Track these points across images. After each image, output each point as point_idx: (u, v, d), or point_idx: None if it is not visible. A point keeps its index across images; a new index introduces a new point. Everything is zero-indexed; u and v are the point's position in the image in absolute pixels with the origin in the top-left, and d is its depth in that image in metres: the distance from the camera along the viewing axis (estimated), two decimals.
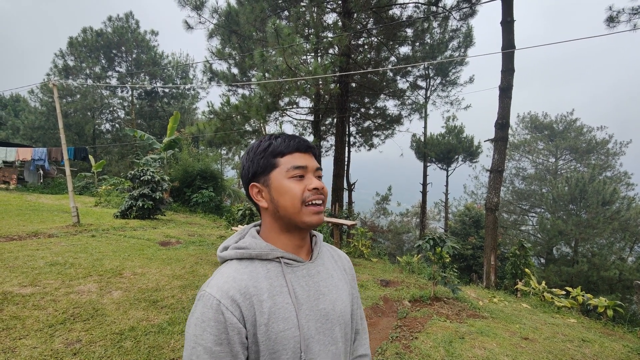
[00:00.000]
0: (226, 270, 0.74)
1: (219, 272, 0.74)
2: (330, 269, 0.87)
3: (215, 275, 0.74)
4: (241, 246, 0.78)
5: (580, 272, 12.64)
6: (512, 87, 7.98)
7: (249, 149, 0.83)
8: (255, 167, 0.79)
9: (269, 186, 0.78)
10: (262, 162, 0.79)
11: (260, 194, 0.80)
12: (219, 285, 0.70)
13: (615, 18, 7.27)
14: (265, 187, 0.79)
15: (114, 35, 22.27)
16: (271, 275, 0.74)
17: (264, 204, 0.79)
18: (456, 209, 21.53)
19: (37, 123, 21.88)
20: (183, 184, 12.95)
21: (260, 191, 0.80)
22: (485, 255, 8.19)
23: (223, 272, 0.73)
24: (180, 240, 6.95)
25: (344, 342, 0.82)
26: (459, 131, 19.16)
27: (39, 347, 2.63)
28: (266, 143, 0.80)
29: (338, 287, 0.85)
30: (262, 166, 0.79)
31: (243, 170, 0.82)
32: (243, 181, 0.83)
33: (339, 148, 11.04)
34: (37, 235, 6.35)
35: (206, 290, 0.70)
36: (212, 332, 0.65)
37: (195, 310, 0.69)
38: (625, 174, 19.53)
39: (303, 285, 0.77)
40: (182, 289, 4.14)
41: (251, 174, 0.80)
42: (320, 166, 0.83)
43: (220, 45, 11.69)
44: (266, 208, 0.80)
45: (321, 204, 0.78)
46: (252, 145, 0.82)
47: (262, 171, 0.79)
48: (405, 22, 10.55)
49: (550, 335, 3.74)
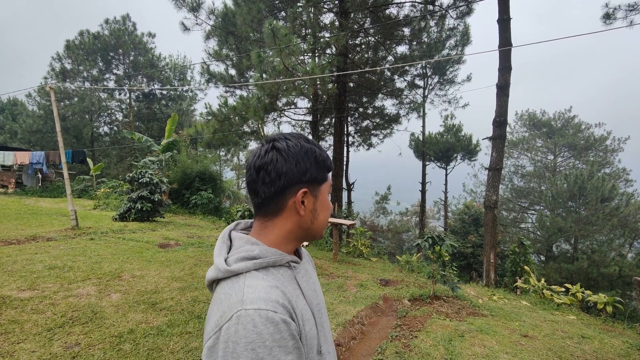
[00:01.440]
0: (256, 282, 0.66)
1: (247, 287, 0.65)
2: (307, 264, 0.91)
3: (245, 291, 0.64)
4: (252, 255, 0.70)
5: (580, 269, 12.65)
6: (510, 84, 7.99)
7: (307, 150, 0.74)
8: (314, 174, 0.74)
9: (317, 197, 0.76)
10: (320, 173, 0.75)
11: (303, 203, 0.74)
12: (262, 297, 0.62)
13: (611, 15, 7.28)
14: (312, 197, 0.75)
15: (111, 37, 22.24)
16: (286, 280, 0.74)
17: (303, 212, 0.74)
18: (455, 208, 21.55)
19: (34, 127, 21.83)
20: (182, 185, 12.93)
21: (304, 199, 0.74)
22: (485, 253, 8.20)
23: (254, 285, 0.65)
24: (179, 242, 6.94)
25: (329, 330, 0.88)
26: (457, 130, 19.18)
27: (38, 350, 2.62)
28: (325, 155, 0.77)
29: (317, 281, 0.91)
30: (319, 177, 0.75)
31: (295, 168, 0.72)
32: (285, 179, 0.71)
33: (337, 148, 11.04)
34: (36, 239, 6.33)
35: (248, 308, 0.60)
36: (280, 345, 0.59)
37: (242, 336, 0.57)
38: (623, 170, 19.58)
39: (306, 285, 0.80)
40: (181, 291, 4.13)
41: (307, 178, 0.73)
42: None
43: (217, 47, 11.69)
44: (301, 216, 0.75)
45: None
46: (313, 150, 0.75)
47: (317, 181, 0.75)
48: (402, 22, 10.56)
49: (549, 332, 3.74)
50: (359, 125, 16.24)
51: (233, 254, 0.72)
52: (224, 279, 0.69)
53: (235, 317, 0.59)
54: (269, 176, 0.71)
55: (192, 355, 2.73)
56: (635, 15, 7.01)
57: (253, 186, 0.74)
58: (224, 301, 0.65)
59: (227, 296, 0.65)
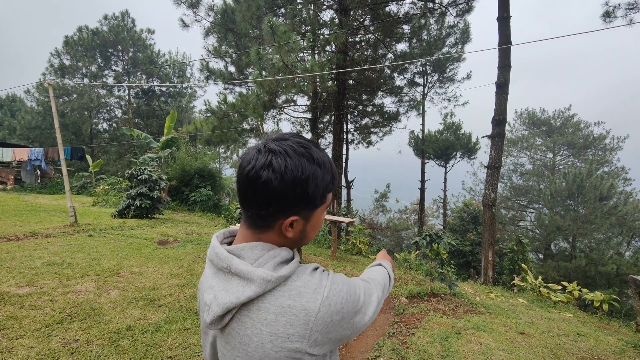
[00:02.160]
0: (306, 275, 0.66)
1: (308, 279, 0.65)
2: None
3: (309, 281, 0.64)
4: (287, 258, 0.68)
5: (578, 267, 12.71)
6: (509, 83, 7.99)
7: (308, 175, 0.64)
8: (309, 201, 0.66)
9: (308, 220, 0.69)
10: (319, 199, 0.68)
11: (291, 226, 0.67)
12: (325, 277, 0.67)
13: (611, 13, 7.27)
14: (302, 220, 0.68)
15: (110, 34, 22.16)
16: None
17: (290, 234, 0.68)
18: (455, 206, 21.59)
19: (33, 123, 21.79)
20: (181, 182, 12.93)
21: (293, 223, 0.67)
22: (483, 251, 8.23)
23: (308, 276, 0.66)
24: (178, 239, 6.95)
25: None
26: (456, 128, 19.19)
27: (36, 346, 2.63)
28: (328, 176, 0.68)
29: None
30: (316, 202, 0.68)
31: (291, 191, 0.63)
32: (279, 201, 0.64)
33: (336, 146, 11.04)
34: (35, 235, 6.34)
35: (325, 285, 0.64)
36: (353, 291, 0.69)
37: (341, 287, 0.66)
38: (622, 169, 19.61)
39: None
40: (180, 287, 4.14)
41: (302, 206, 0.66)
42: None
43: (216, 44, 11.66)
44: (290, 237, 0.69)
45: None
46: (314, 173, 0.65)
47: (313, 207, 0.68)
48: (402, 19, 10.53)
49: (546, 330, 3.77)
50: (359, 123, 16.23)
51: (262, 263, 0.64)
52: (268, 292, 0.62)
53: (327, 294, 0.63)
54: (259, 197, 0.63)
55: (190, 352, 2.75)
56: (635, 13, 7.00)
57: (242, 198, 0.67)
58: (296, 302, 0.61)
59: (293, 298, 0.62)
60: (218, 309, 0.62)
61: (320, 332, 0.62)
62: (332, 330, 0.63)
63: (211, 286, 0.67)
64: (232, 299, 0.61)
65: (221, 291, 0.64)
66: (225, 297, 0.62)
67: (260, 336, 0.61)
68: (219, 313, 0.62)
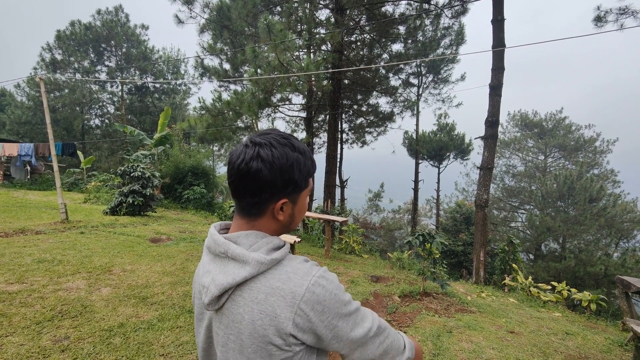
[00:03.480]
0: (297, 261, 0.72)
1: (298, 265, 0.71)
2: None
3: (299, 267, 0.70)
4: (278, 245, 0.73)
5: (568, 268, 12.90)
6: (502, 85, 8.07)
7: (292, 162, 0.73)
8: (296, 185, 0.75)
9: (295, 203, 0.78)
10: (303, 182, 0.76)
11: (281, 208, 0.75)
12: (314, 265, 0.72)
13: (602, 18, 7.38)
14: (291, 204, 0.77)
15: (103, 29, 21.88)
16: None
17: (281, 217, 0.76)
18: (447, 206, 21.75)
19: (23, 118, 21.43)
20: (174, 180, 12.84)
21: (283, 206, 0.75)
22: (475, 251, 8.31)
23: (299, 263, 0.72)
24: (171, 236, 6.91)
25: None
26: (450, 128, 19.32)
27: (26, 344, 2.61)
28: (309, 162, 0.77)
29: None
30: (301, 185, 0.76)
31: (279, 180, 0.71)
32: (269, 189, 0.72)
33: (331, 145, 11.06)
34: (24, 232, 6.25)
35: (315, 274, 0.68)
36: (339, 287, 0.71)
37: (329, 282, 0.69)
38: (611, 172, 19.93)
39: None
40: (172, 285, 4.12)
41: (289, 190, 0.74)
42: None
43: (212, 41, 11.59)
44: (281, 220, 0.77)
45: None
46: (297, 159, 0.74)
47: (298, 190, 0.76)
48: (398, 19, 10.58)
49: (535, 329, 3.83)
50: (353, 122, 16.27)
51: (255, 249, 0.70)
52: (260, 274, 0.68)
53: (313, 281, 0.67)
54: (252, 186, 0.71)
55: (182, 349, 2.74)
56: (626, 18, 7.12)
57: (235, 190, 0.74)
58: (284, 285, 0.67)
59: (283, 281, 0.67)
60: (215, 289, 0.68)
61: (303, 317, 0.65)
62: (313, 318, 0.66)
63: (209, 271, 0.72)
64: (228, 279, 0.67)
65: (218, 274, 0.69)
66: (222, 278, 0.68)
67: (252, 314, 0.66)
68: (216, 293, 0.68)
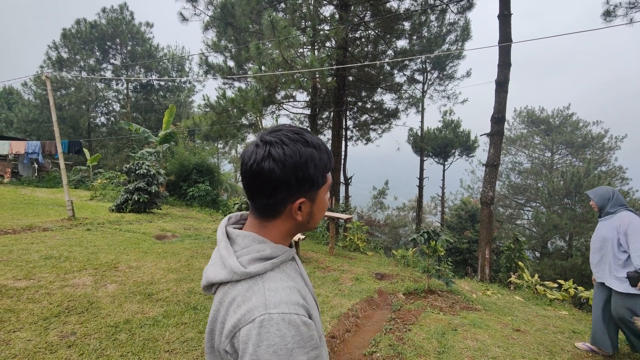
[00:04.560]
0: (276, 284, 0.66)
1: (268, 290, 0.64)
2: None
3: (266, 294, 0.64)
4: (266, 255, 0.69)
5: (574, 266, 12.78)
6: (509, 81, 7.98)
7: (306, 158, 0.68)
8: (313, 182, 0.70)
9: (314, 202, 0.74)
10: (320, 179, 0.72)
11: (299, 209, 0.72)
12: (284, 300, 0.63)
13: (612, 12, 7.26)
14: (310, 202, 0.73)
15: (108, 27, 21.97)
16: (295, 274, 0.75)
17: (300, 217, 0.72)
18: (452, 203, 21.64)
19: (30, 116, 21.63)
20: (179, 177, 12.90)
21: (301, 206, 0.71)
22: (480, 248, 8.26)
23: (275, 287, 0.65)
24: (176, 234, 6.95)
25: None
26: (455, 125, 19.17)
27: (34, 339, 2.63)
28: (325, 157, 0.72)
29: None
30: (318, 183, 0.72)
31: (293, 178, 0.67)
32: (284, 189, 0.68)
33: (335, 142, 11.02)
34: (32, 228, 6.32)
35: (272, 312, 0.60)
36: (299, 346, 0.60)
37: (264, 339, 0.58)
38: (620, 169, 19.67)
39: (304, 273, 0.81)
40: (177, 282, 4.15)
41: (306, 188, 0.70)
42: None
43: (216, 38, 11.59)
44: (298, 220, 0.73)
45: None
46: (311, 155, 0.69)
47: (316, 187, 0.72)
48: (403, 15, 10.48)
49: (541, 327, 3.80)
50: (358, 119, 16.20)
51: (243, 254, 0.69)
52: (239, 280, 0.67)
53: (258, 321, 0.60)
54: (265, 187, 0.68)
55: (187, 346, 2.76)
56: (636, 12, 6.99)
57: (249, 192, 0.71)
58: (242, 305, 0.63)
59: (246, 299, 0.64)
60: (204, 280, 0.72)
61: (235, 343, 0.62)
62: (239, 351, 0.61)
63: (211, 258, 0.75)
64: (210, 276, 0.70)
65: (210, 266, 0.72)
66: (209, 272, 0.71)
67: (215, 313, 0.68)
68: (204, 283, 0.72)
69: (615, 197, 3.11)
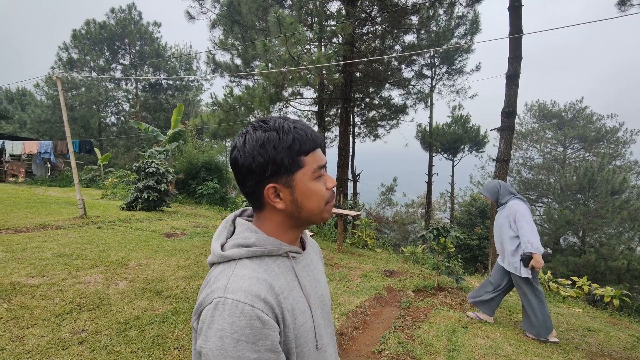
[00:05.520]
0: (244, 272, 0.65)
1: (234, 275, 0.65)
2: (312, 254, 0.89)
3: (231, 279, 0.64)
4: (248, 243, 0.70)
5: (588, 262, 12.53)
6: (520, 74, 7.80)
7: (264, 141, 0.68)
8: (277, 166, 0.68)
9: (292, 187, 0.70)
10: (286, 161, 0.68)
11: (276, 195, 0.70)
12: (244, 288, 0.62)
13: (627, 1, 7.03)
14: (286, 188, 0.70)
15: (117, 27, 22.23)
16: (283, 271, 0.72)
17: (281, 205, 0.71)
18: (462, 200, 21.41)
19: (43, 116, 22.06)
20: (188, 175, 13.00)
21: (276, 191, 0.70)
22: (491, 245, 8.14)
23: (242, 274, 0.64)
24: (185, 231, 7.00)
25: (332, 322, 0.88)
26: (465, 120, 18.91)
27: (47, 335, 2.68)
28: (289, 137, 0.68)
29: (322, 272, 0.90)
30: (287, 166, 0.69)
31: (254, 165, 0.68)
32: (250, 177, 0.69)
33: (343, 139, 10.97)
34: (45, 227, 6.44)
35: (228, 297, 0.60)
36: (248, 340, 0.58)
37: (216, 321, 0.59)
38: (635, 163, 19.22)
39: (306, 276, 0.78)
40: (187, 279, 4.17)
41: (270, 173, 0.68)
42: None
43: (222, 36, 11.60)
44: (283, 209, 0.72)
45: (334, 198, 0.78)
46: (269, 138, 0.68)
47: (285, 171, 0.69)
48: (410, 9, 10.33)
49: (554, 325, 3.71)
50: (365, 115, 16.08)
51: (232, 239, 0.72)
52: (219, 263, 0.70)
53: (214, 303, 0.61)
54: (237, 176, 0.72)
55: None
56: None
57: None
58: (212, 284, 0.66)
59: (215, 280, 0.66)
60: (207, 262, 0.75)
61: (198, 319, 0.64)
62: (197, 328, 0.64)
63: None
64: (208, 258, 0.73)
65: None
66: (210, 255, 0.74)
67: (200, 290, 0.69)
68: (208, 265, 0.74)
69: (503, 188, 3.43)
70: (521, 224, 3.10)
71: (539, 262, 3.00)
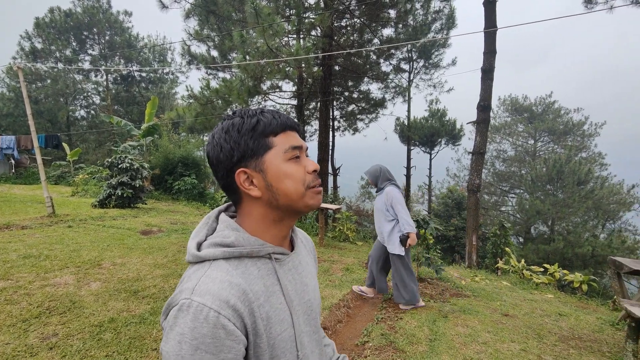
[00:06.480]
0: (217, 274, 0.61)
1: (206, 276, 0.60)
2: (304, 255, 0.83)
3: (201, 280, 0.60)
4: (226, 243, 0.65)
5: (557, 250, 13.16)
6: (494, 68, 8.01)
7: (228, 127, 0.67)
8: (242, 149, 0.66)
9: (264, 171, 0.66)
10: (251, 143, 0.66)
11: (249, 181, 0.67)
12: (212, 292, 0.57)
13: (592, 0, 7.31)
14: (257, 173, 0.67)
15: (84, 15, 21.07)
16: (263, 274, 0.67)
17: (256, 192, 0.67)
18: (439, 192, 21.91)
19: (5, 110, 20.71)
20: (164, 171, 12.61)
21: (249, 178, 0.67)
22: (467, 235, 8.39)
23: (213, 277, 0.60)
24: (162, 228, 6.79)
25: (319, 328, 0.82)
26: (441, 114, 19.30)
27: (12, 342, 2.52)
28: (253, 120, 0.67)
29: (312, 274, 0.84)
30: (253, 148, 0.66)
31: (221, 154, 0.66)
32: (220, 167, 0.68)
33: (323, 132, 10.94)
34: (9, 227, 6.07)
35: (193, 300, 0.56)
36: (208, 350, 0.54)
37: (178, 324, 0.55)
38: (599, 155, 20.24)
39: (291, 280, 0.73)
40: (165, 278, 4.05)
41: (237, 158, 0.66)
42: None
43: (198, 27, 11.22)
44: (259, 197, 0.67)
45: (320, 184, 0.72)
46: (233, 123, 0.67)
47: (252, 154, 0.66)
48: (388, 3, 10.35)
49: (529, 311, 3.87)
50: (345, 109, 16.10)
51: (211, 237, 0.68)
52: (195, 262, 0.66)
53: (179, 304, 0.57)
54: (212, 169, 0.71)
55: None
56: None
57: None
58: (182, 284, 0.62)
59: (187, 279, 0.63)
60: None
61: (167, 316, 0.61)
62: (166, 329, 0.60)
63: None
64: (186, 255, 0.69)
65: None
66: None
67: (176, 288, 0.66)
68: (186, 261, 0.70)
69: (382, 174, 3.72)
70: (398, 208, 3.47)
71: (414, 239, 3.44)
